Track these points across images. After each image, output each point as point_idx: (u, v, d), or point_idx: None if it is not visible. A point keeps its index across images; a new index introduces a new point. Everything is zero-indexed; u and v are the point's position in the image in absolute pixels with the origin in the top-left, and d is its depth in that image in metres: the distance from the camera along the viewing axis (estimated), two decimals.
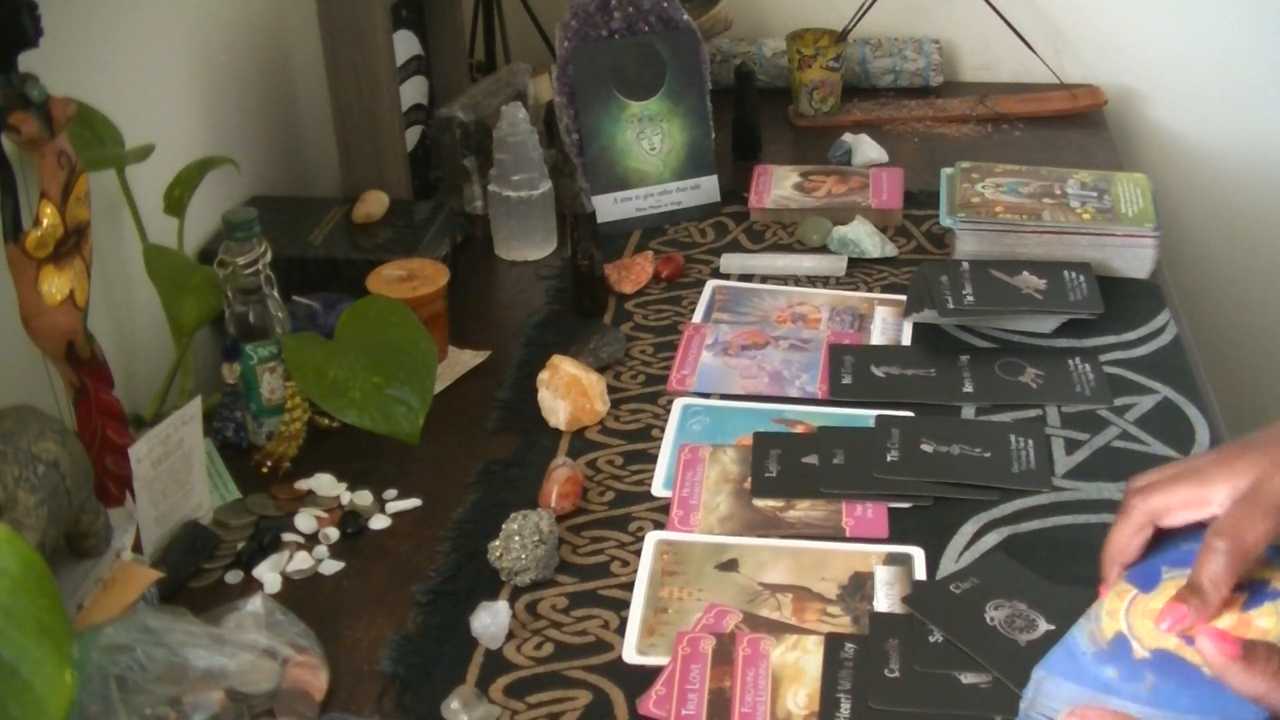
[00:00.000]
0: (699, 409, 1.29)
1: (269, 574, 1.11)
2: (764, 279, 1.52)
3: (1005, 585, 1.04)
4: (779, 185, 1.70)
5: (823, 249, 1.57)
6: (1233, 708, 0.84)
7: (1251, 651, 0.81)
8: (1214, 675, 0.82)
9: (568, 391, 1.26)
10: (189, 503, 1.14)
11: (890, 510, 1.14)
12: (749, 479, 1.18)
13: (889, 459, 1.17)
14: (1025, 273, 1.43)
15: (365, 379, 1.18)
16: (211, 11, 1.51)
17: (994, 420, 1.25)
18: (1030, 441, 1.20)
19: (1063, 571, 1.06)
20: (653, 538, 1.12)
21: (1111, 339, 1.37)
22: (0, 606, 0.73)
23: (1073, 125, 1.91)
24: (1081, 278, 1.42)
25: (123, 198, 1.28)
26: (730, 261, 1.55)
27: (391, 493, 1.20)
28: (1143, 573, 0.91)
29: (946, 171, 1.61)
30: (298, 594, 1.09)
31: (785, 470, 1.19)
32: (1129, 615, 0.90)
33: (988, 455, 1.18)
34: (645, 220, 1.65)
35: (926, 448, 1.18)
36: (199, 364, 1.38)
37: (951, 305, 1.37)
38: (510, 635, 1.03)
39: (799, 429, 1.25)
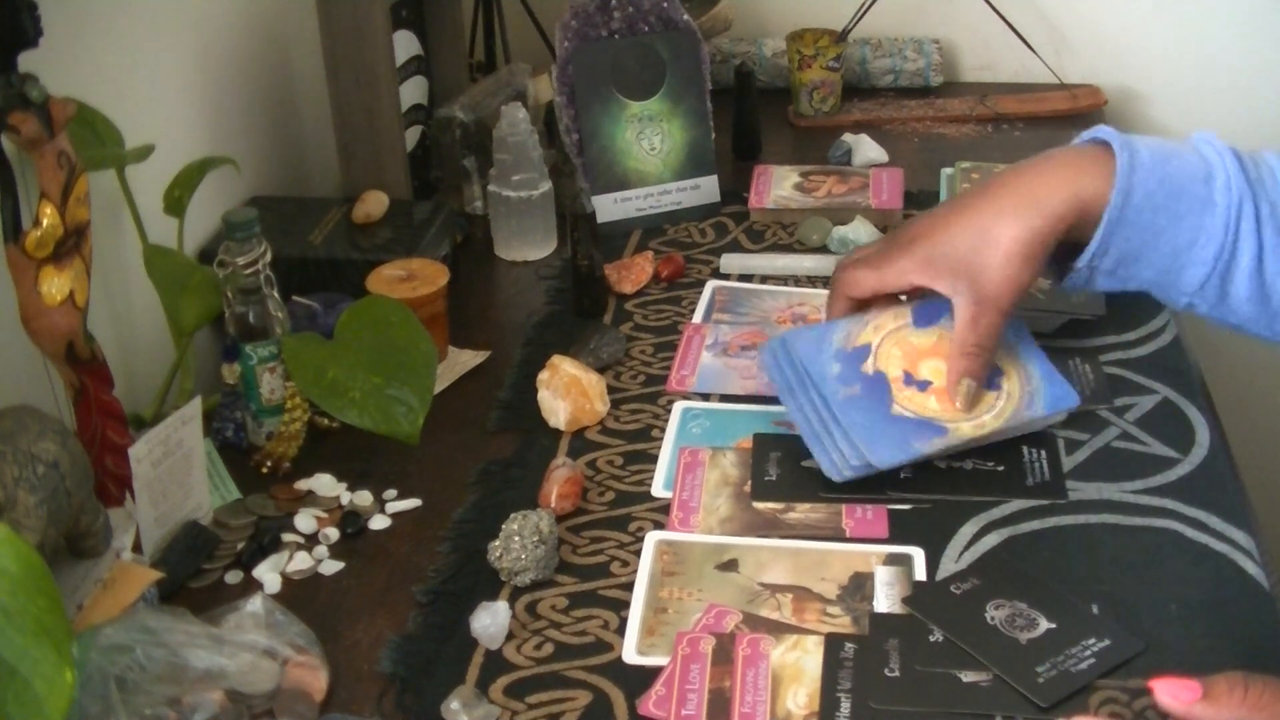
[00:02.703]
0: (698, 412, 1.29)
1: (269, 574, 1.11)
2: (764, 279, 1.52)
3: (1005, 585, 1.04)
4: (779, 185, 1.70)
5: (823, 249, 1.57)
6: (877, 448, 1.10)
7: (1212, 689, 0.83)
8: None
9: (568, 391, 1.26)
10: (189, 503, 1.14)
11: (890, 511, 1.14)
12: (749, 482, 1.18)
13: (903, 476, 1.16)
14: None
15: (365, 379, 1.18)
16: (211, 12, 1.51)
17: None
18: (1042, 452, 1.20)
19: (1063, 571, 1.06)
20: (653, 538, 1.12)
21: (1111, 339, 1.37)
22: (0, 606, 0.73)
23: (1073, 125, 1.90)
24: None
25: (123, 198, 1.28)
26: (730, 261, 1.55)
27: (391, 493, 1.20)
28: (925, 312, 1.15)
29: (946, 171, 1.61)
30: (297, 594, 1.09)
31: (785, 473, 1.19)
32: (888, 337, 1.14)
33: (1000, 469, 1.18)
34: (645, 220, 1.65)
35: (939, 463, 1.18)
36: (199, 364, 1.38)
37: None
38: (510, 635, 1.03)
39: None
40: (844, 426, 1.11)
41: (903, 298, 1.18)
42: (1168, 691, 0.84)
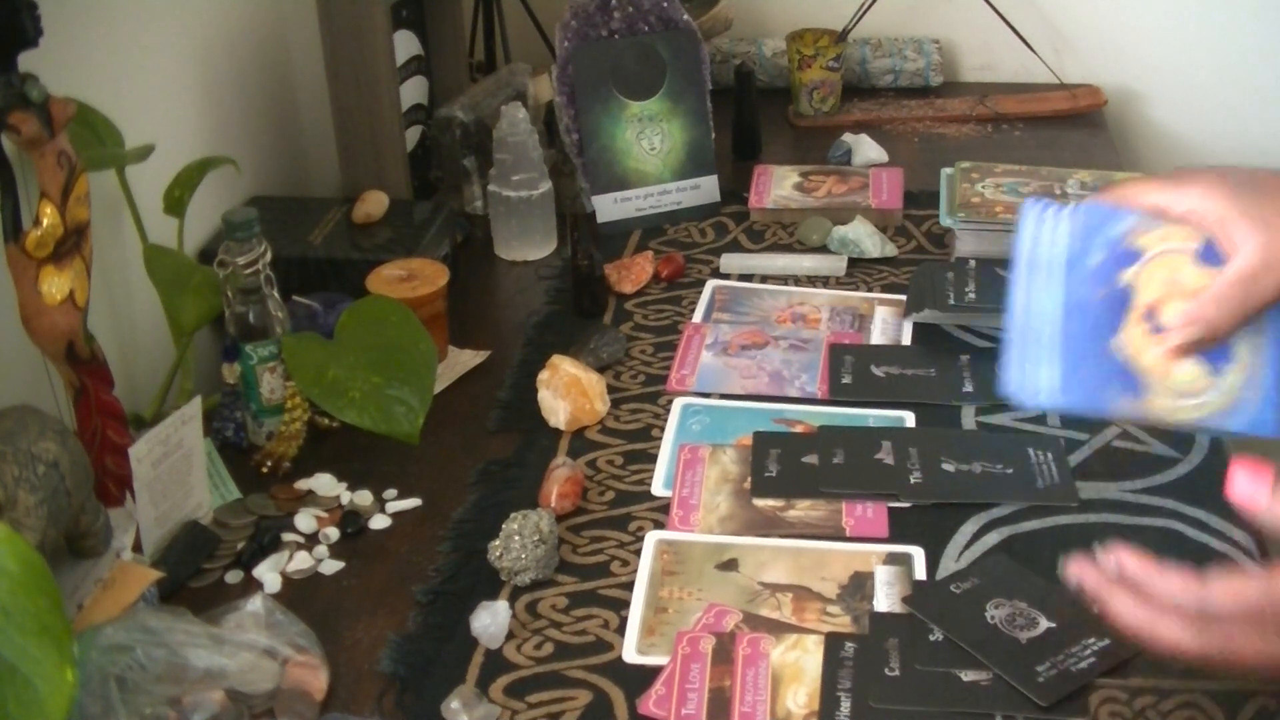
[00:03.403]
0: (699, 409, 1.29)
1: (269, 574, 1.11)
2: (764, 279, 1.52)
3: (1005, 585, 1.04)
4: (779, 185, 1.70)
5: (823, 249, 1.57)
6: (1071, 385, 0.87)
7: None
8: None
9: (568, 391, 1.26)
10: (189, 503, 1.14)
11: (890, 510, 1.14)
12: (749, 479, 1.18)
13: (913, 480, 1.17)
14: None
15: (365, 379, 1.18)
16: (211, 11, 1.51)
17: (1007, 431, 1.24)
18: (1049, 454, 1.19)
19: (1063, 571, 1.06)
20: (653, 537, 1.12)
21: None
22: (0, 606, 0.73)
23: (1073, 125, 1.91)
24: None
25: (123, 198, 1.28)
26: (730, 261, 1.55)
27: (391, 493, 1.20)
28: (1215, 251, 0.87)
29: (946, 171, 1.61)
30: (298, 594, 1.09)
31: (785, 470, 1.19)
32: (1164, 255, 0.87)
33: (1010, 471, 1.17)
34: (645, 220, 1.65)
35: (948, 467, 1.18)
36: (199, 364, 1.38)
37: (952, 301, 1.37)
38: (510, 635, 1.03)
39: (799, 429, 1.25)
40: (1060, 336, 0.90)
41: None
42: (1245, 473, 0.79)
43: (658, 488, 1.19)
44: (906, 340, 1.39)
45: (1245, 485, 0.79)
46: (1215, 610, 0.78)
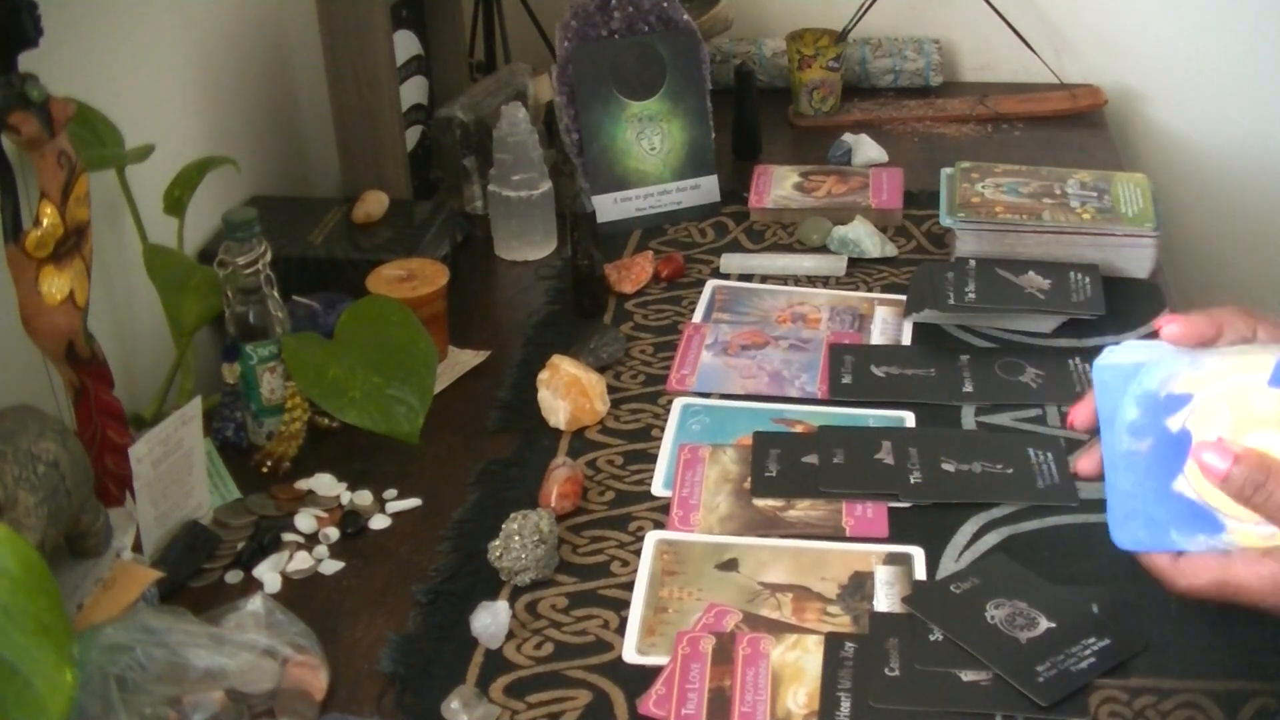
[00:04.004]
0: (699, 409, 1.29)
1: (269, 574, 1.11)
2: (764, 279, 1.52)
3: (1005, 585, 1.04)
4: (779, 185, 1.70)
5: (823, 249, 1.57)
6: (1126, 526, 0.87)
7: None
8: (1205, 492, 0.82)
9: (568, 391, 1.26)
10: (189, 503, 1.14)
11: (890, 510, 1.14)
12: (749, 479, 1.18)
13: (913, 480, 1.17)
14: (1031, 272, 1.43)
15: (365, 379, 1.18)
16: (211, 12, 1.51)
17: (1006, 431, 1.24)
18: (1049, 454, 1.19)
19: (1063, 571, 1.06)
20: (653, 537, 1.12)
21: (1111, 339, 1.37)
22: (0, 606, 0.73)
23: (1073, 125, 1.91)
24: (1086, 279, 1.42)
25: (123, 198, 1.28)
26: (730, 261, 1.55)
27: (391, 493, 1.20)
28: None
29: (946, 171, 1.61)
30: (298, 594, 1.09)
31: (785, 470, 1.19)
32: (1224, 392, 0.84)
33: (1010, 471, 1.17)
34: (645, 220, 1.65)
35: (948, 467, 1.18)
36: (199, 364, 1.38)
37: (952, 301, 1.37)
38: (510, 635, 1.03)
39: (799, 429, 1.25)
40: (1108, 486, 0.90)
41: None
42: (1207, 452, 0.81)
43: (658, 488, 1.19)
44: (906, 340, 1.39)
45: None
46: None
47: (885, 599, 1.04)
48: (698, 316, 1.45)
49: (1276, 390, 0.82)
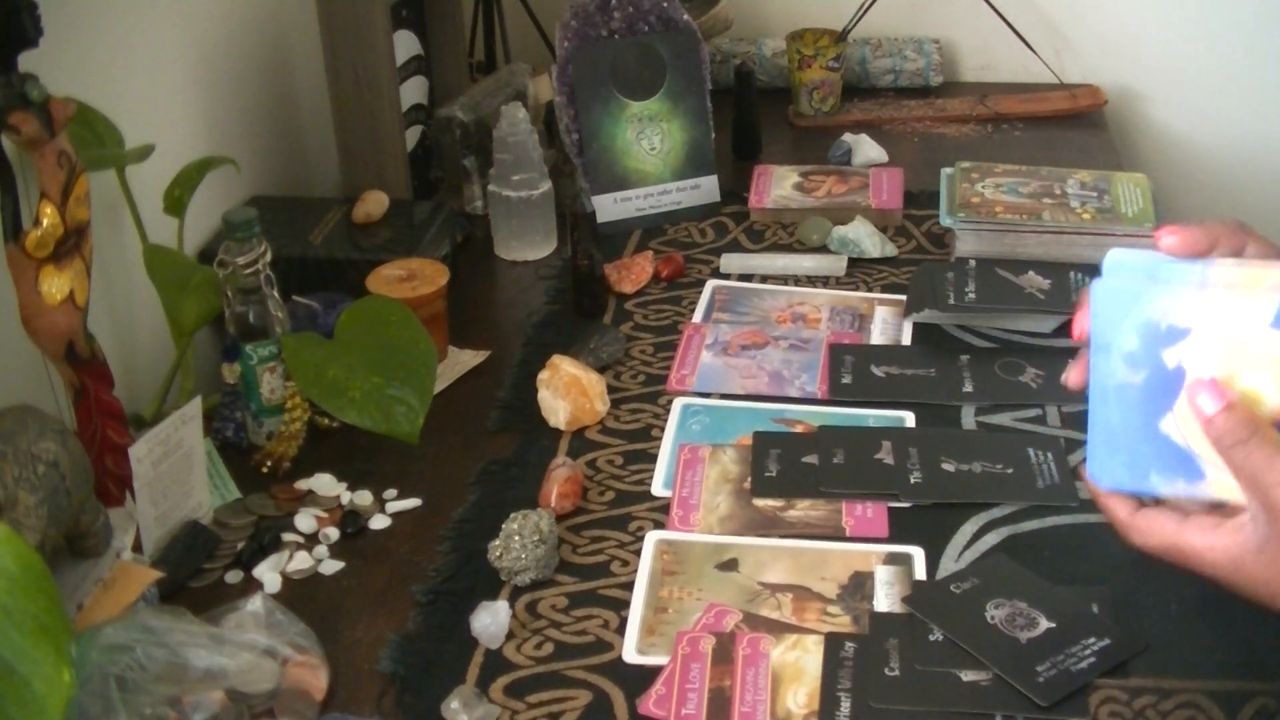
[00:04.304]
0: (699, 409, 1.29)
1: (269, 574, 1.11)
2: (764, 279, 1.52)
3: (1005, 585, 1.04)
4: (779, 185, 1.70)
5: (823, 249, 1.57)
6: (1109, 465, 0.84)
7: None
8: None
9: (568, 391, 1.26)
10: (189, 503, 1.14)
11: (890, 510, 1.14)
12: (749, 479, 1.18)
13: (913, 480, 1.17)
14: (1031, 272, 1.43)
15: (365, 379, 1.18)
16: (211, 11, 1.51)
17: (1006, 431, 1.24)
18: (1049, 454, 1.19)
19: (1063, 571, 1.06)
20: (653, 537, 1.12)
21: None
22: (0, 606, 0.73)
23: (1073, 125, 1.91)
24: (1086, 279, 1.41)
25: (123, 198, 1.28)
26: (730, 261, 1.55)
27: (391, 493, 1.20)
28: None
29: (946, 171, 1.61)
30: (298, 594, 1.09)
31: (785, 470, 1.19)
32: (1215, 335, 0.80)
33: (1010, 471, 1.17)
34: (645, 220, 1.65)
35: (948, 467, 1.18)
36: (199, 364, 1.38)
37: (953, 301, 1.37)
38: (510, 635, 1.03)
39: (799, 429, 1.25)
40: (1093, 419, 0.86)
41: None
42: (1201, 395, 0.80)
43: (658, 488, 1.19)
44: (906, 340, 1.39)
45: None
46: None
47: (885, 599, 1.04)
48: (698, 316, 1.45)
49: (1276, 332, 0.79)
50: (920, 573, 1.07)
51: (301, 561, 1.12)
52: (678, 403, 1.30)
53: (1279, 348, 0.79)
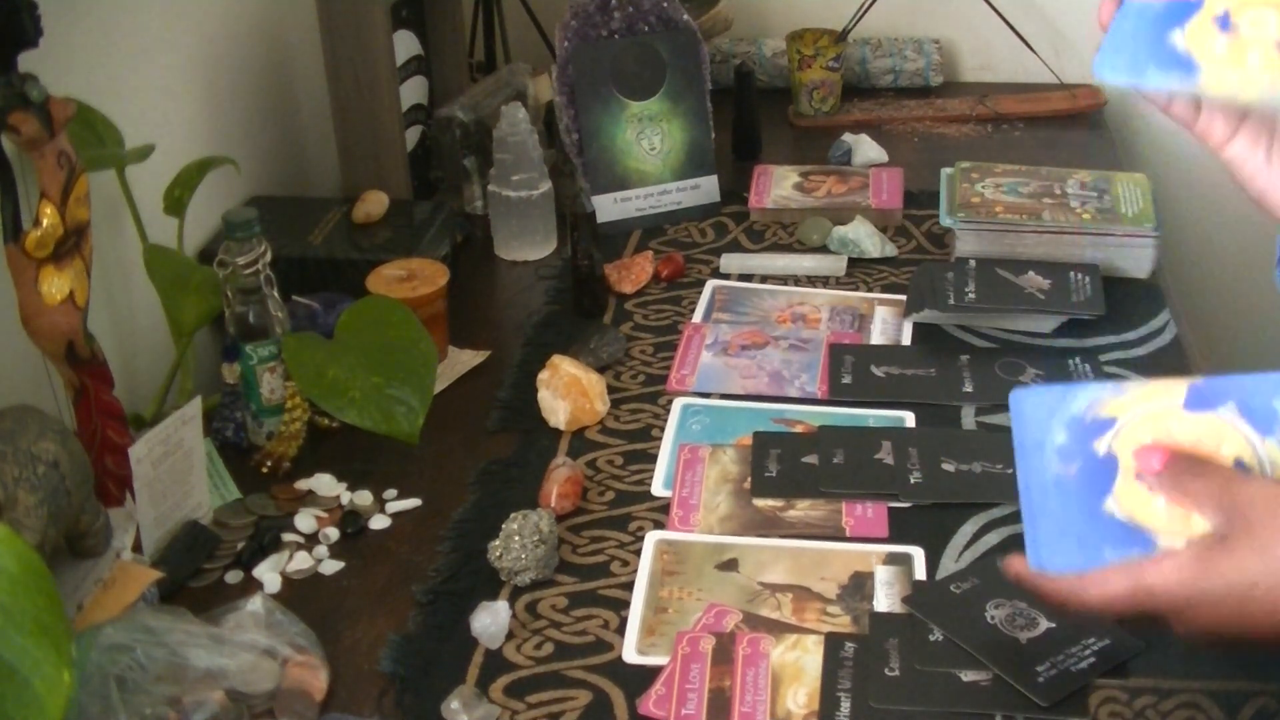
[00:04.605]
0: (699, 409, 1.29)
1: (269, 574, 1.11)
2: (764, 279, 1.52)
3: (1005, 585, 1.03)
4: (779, 185, 1.70)
5: (823, 249, 1.57)
6: (1056, 550, 0.86)
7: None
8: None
9: (568, 391, 1.26)
10: (189, 503, 1.14)
11: (890, 510, 1.14)
12: (749, 479, 1.18)
13: (913, 480, 1.17)
14: (1031, 272, 1.43)
15: (365, 379, 1.18)
16: (211, 11, 1.51)
17: (1006, 431, 1.23)
18: None
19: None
20: (653, 537, 1.12)
21: (1111, 339, 1.37)
22: (0, 606, 0.73)
23: (1073, 125, 1.91)
24: (1086, 279, 1.42)
25: (123, 198, 1.28)
26: (730, 261, 1.55)
27: (391, 493, 1.20)
28: (1203, 394, 0.86)
29: (946, 171, 1.61)
30: (298, 594, 1.09)
31: (785, 470, 1.19)
32: (1145, 416, 0.87)
33: (1010, 471, 1.17)
34: (645, 220, 1.65)
35: (948, 467, 1.18)
36: (199, 364, 1.38)
37: (952, 301, 1.37)
38: (510, 635, 1.03)
39: (799, 429, 1.25)
40: (1034, 513, 0.89)
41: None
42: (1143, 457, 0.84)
43: (658, 488, 1.19)
44: (906, 340, 1.39)
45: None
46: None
47: (885, 599, 1.04)
48: (698, 316, 1.45)
49: (1191, 414, 0.86)
50: (920, 573, 1.07)
51: (301, 561, 1.12)
52: (678, 403, 1.30)
53: (1198, 426, 0.85)
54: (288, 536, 1.15)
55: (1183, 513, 0.83)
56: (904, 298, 1.44)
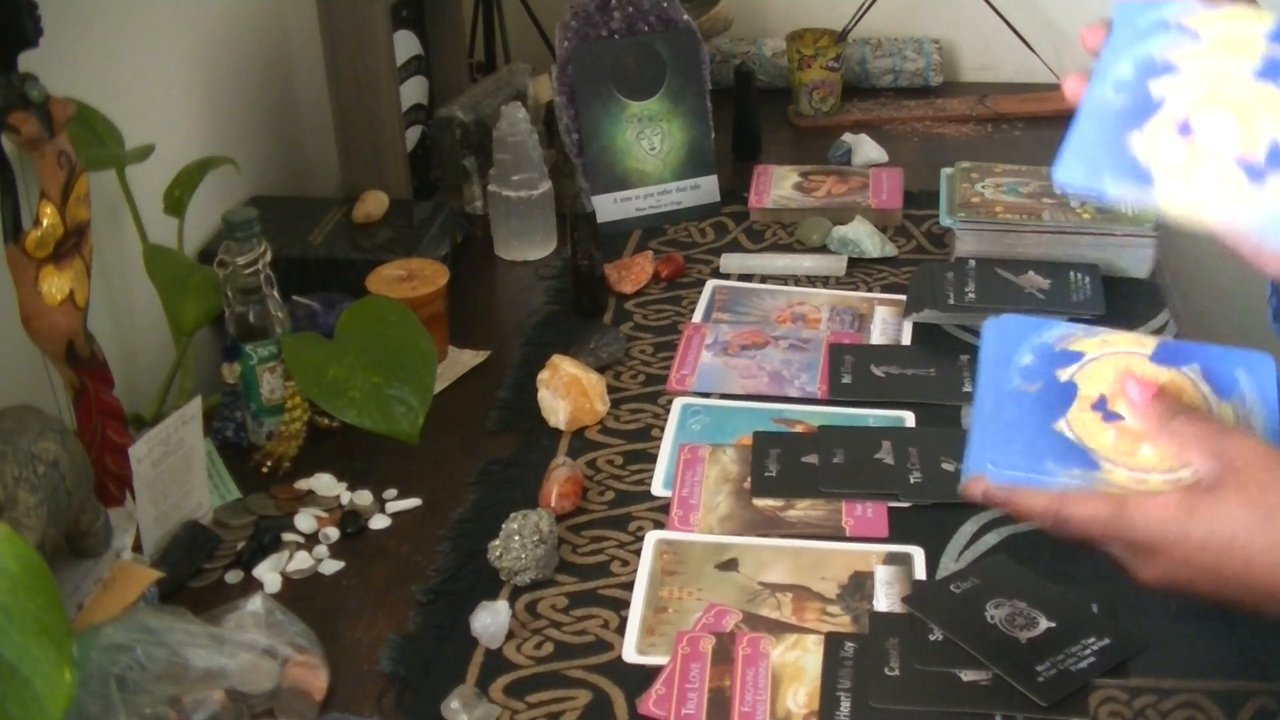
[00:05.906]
0: (699, 408, 1.29)
1: (269, 574, 1.11)
2: (764, 279, 1.52)
3: (1005, 585, 1.04)
4: (779, 185, 1.70)
5: (823, 249, 1.57)
6: (1005, 452, 0.88)
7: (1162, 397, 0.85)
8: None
9: (568, 391, 1.26)
10: (189, 503, 1.14)
11: (890, 510, 1.14)
12: (749, 478, 1.18)
13: (913, 480, 1.17)
14: (1031, 272, 1.43)
15: (365, 379, 1.18)
16: (211, 12, 1.51)
17: None
18: None
19: (1063, 571, 1.06)
20: (652, 537, 1.12)
21: None
22: (0, 606, 0.73)
23: None
24: (1086, 278, 1.42)
25: (123, 198, 1.28)
26: (730, 261, 1.55)
27: (391, 493, 1.20)
28: (1171, 352, 0.90)
29: (946, 171, 1.61)
30: (298, 594, 1.09)
31: (785, 470, 1.19)
32: (1111, 357, 0.91)
33: None
34: (645, 220, 1.65)
35: (948, 467, 1.18)
36: (199, 364, 1.38)
37: (952, 301, 1.37)
38: (510, 635, 1.03)
39: (799, 428, 1.25)
40: (985, 418, 0.91)
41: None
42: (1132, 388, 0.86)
43: (658, 488, 1.19)
44: (906, 340, 1.39)
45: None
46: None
47: (885, 599, 1.04)
48: (698, 316, 1.45)
49: (1156, 366, 0.89)
50: (920, 572, 1.07)
51: (301, 561, 1.12)
52: (678, 403, 1.30)
53: (1161, 376, 0.88)
54: (288, 536, 1.15)
55: (1136, 445, 0.86)
56: (904, 298, 1.44)
